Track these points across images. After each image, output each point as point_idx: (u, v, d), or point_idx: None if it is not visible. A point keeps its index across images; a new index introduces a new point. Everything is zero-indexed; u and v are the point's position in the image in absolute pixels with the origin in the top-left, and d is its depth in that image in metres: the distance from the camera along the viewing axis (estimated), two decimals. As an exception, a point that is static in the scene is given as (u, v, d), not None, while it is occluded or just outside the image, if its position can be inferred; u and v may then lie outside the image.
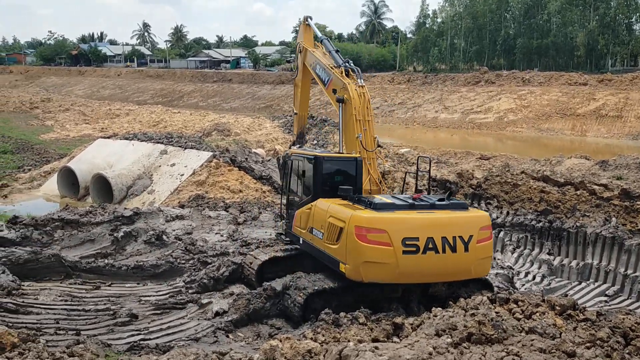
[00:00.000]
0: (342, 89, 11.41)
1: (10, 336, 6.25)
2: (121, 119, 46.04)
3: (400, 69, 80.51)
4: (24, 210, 17.73)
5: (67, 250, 12.37)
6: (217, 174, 20.04)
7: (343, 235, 9.01)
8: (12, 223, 13.36)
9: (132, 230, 13.28)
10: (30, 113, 50.43)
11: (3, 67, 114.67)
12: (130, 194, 20.21)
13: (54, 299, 10.23)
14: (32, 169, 25.58)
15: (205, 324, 9.40)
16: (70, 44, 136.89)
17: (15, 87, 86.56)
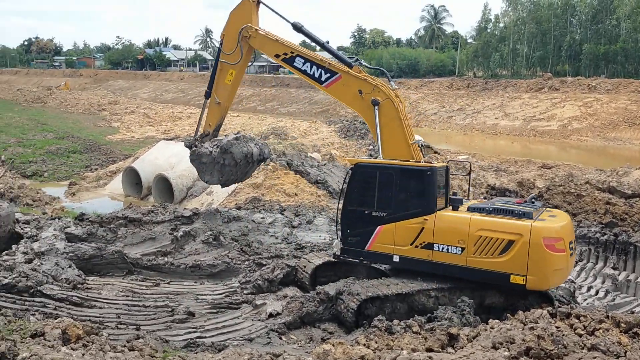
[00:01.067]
0: (373, 91, 10.86)
1: (75, 328, 6.55)
2: (183, 122, 47.39)
3: (459, 74, 79.12)
4: (90, 207, 18.57)
5: (130, 248, 12.83)
6: (273, 177, 20.30)
7: (517, 247, 9.01)
8: (79, 220, 13.99)
9: (191, 230, 13.63)
10: (98, 115, 52.73)
11: (74, 71, 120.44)
12: (190, 195, 20.76)
13: (116, 294, 10.64)
14: (98, 169, 26.70)
15: (259, 325, 9.53)
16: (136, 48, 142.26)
17: (84, 89, 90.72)
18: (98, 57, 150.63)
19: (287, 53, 12.19)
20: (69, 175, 25.05)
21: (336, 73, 11.39)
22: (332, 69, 11.45)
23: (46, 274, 10.49)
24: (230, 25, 12.93)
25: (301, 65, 11.91)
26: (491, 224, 9.24)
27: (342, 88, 11.34)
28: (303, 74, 11.91)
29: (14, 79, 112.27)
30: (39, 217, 14.47)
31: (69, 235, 12.77)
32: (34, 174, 24.88)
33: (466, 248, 9.31)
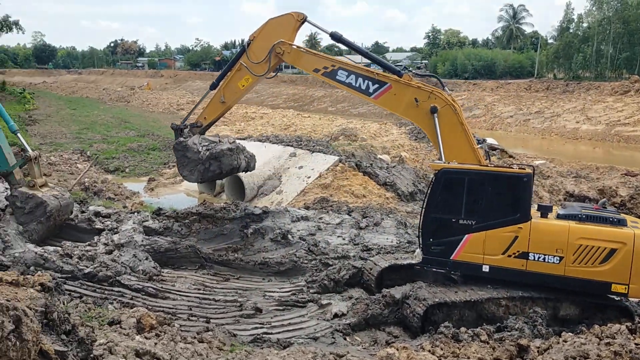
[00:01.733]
0: (429, 99, 10.37)
1: (149, 318, 6.87)
2: (256, 122, 48.47)
3: (538, 76, 76.03)
4: (167, 203, 19.37)
5: (202, 243, 13.27)
6: (342, 178, 20.35)
7: (620, 255, 8.82)
8: (156, 214, 14.63)
9: (261, 228, 13.92)
10: (177, 114, 54.83)
11: (155, 71, 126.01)
12: (260, 194, 21.19)
13: (189, 287, 11.06)
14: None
15: (324, 324, 9.61)
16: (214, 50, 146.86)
17: (165, 89, 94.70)
18: (178, 58, 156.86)
19: (327, 67, 11.49)
20: (149, 172, 26.20)
21: (385, 83, 10.83)
22: (381, 79, 10.89)
23: (125, 265, 11.06)
24: (265, 34, 12.18)
25: (345, 78, 11.26)
26: (592, 232, 8.94)
27: (394, 98, 10.81)
28: (348, 87, 11.24)
29: (100, 79, 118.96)
30: (119, 211, 15.26)
31: (146, 228, 13.38)
32: (116, 170, 26.23)
33: (565, 257, 9.01)
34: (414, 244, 12.93)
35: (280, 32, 11.96)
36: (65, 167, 24.61)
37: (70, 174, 22.80)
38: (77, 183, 19.93)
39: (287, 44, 11.85)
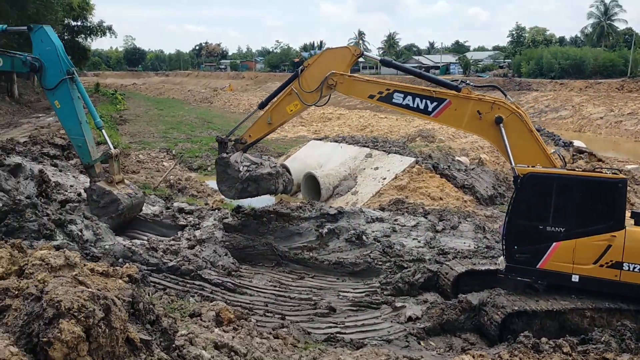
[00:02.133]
0: (493, 109, 9.98)
1: (228, 312, 7.09)
2: (332, 122, 48.77)
3: (632, 75, 71.31)
4: (245, 201, 19.82)
5: (279, 241, 13.53)
6: (418, 180, 20.06)
7: None
8: (235, 212, 15.07)
9: (336, 228, 13.99)
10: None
11: (237, 73, 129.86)
12: (335, 194, 21.30)
13: (265, 283, 11.32)
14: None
15: (397, 327, 9.52)
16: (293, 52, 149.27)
17: (245, 91, 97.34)
18: (259, 60, 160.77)
19: (382, 91, 11.28)
20: (228, 170, 27.01)
21: (444, 99, 10.51)
22: (439, 96, 10.59)
23: (205, 259, 11.50)
24: (320, 64, 12.14)
25: (402, 100, 11.00)
26: None
27: (455, 114, 10.46)
28: (406, 109, 11.01)
29: (185, 81, 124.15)
30: (201, 208, 15.88)
31: (226, 225, 13.82)
32: (199, 168, 27.27)
33: None
34: (493, 249, 12.54)
35: (335, 64, 11.88)
36: (152, 165, 25.88)
37: (156, 172, 23.95)
38: (163, 180, 20.91)
39: (338, 74, 11.75)
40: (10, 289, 3.56)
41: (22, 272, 4.04)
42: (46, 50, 12.93)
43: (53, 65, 12.91)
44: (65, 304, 3.14)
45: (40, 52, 12.97)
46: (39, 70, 12.95)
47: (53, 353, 3.02)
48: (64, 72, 12.89)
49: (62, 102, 13.17)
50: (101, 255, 10.56)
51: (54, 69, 12.92)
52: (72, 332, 3.06)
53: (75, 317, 3.13)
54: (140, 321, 4.29)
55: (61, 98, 13.12)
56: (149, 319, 4.43)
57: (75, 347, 3.08)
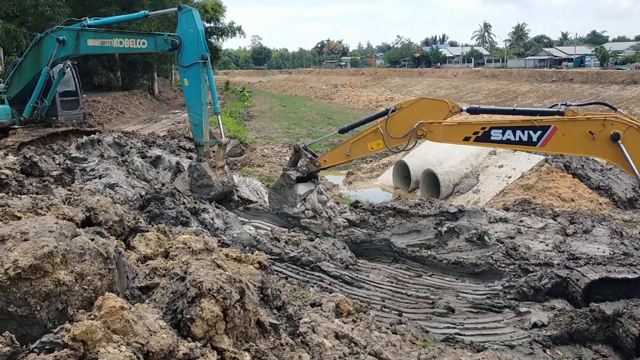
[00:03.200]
0: (605, 127, 9.09)
1: (347, 304, 7.25)
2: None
3: None
4: (363, 196, 20.13)
5: (396, 237, 13.51)
6: (547, 180, 18.95)
7: None
8: (354, 207, 15.30)
9: (455, 227, 13.67)
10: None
11: (357, 70, 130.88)
12: (456, 192, 20.79)
13: (382, 279, 11.36)
14: (372, 161, 28.66)
15: (521, 333, 9.11)
16: (414, 47, 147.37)
17: (365, 87, 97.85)
18: (379, 56, 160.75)
19: (477, 131, 10.63)
20: (347, 166, 27.45)
21: (548, 127, 9.74)
22: (542, 124, 9.82)
23: (324, 252, 11.80)
24: (413, 111, 11.55)
25: (501, 136, 10.34)
26: None
27: (563, 139, 9.68)
28: (507, 144, 10.45)
29: (307, 78, 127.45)
30: (321, 201, 16.28)
31: (345, 220, 14.06)
32: (319, 163, 27.95)
33: None
34: (631, 257, 11.56)
35: (428, 115, 11.39)
36: (276, 159, 27.00)
37: (279, 165, 24.94)
38: (285, 174, 21.70)
39: (427, 123, 11.24)
40: (159, 268, 3.94)
41: (167, 254, 4.45)
42: (189, 32, 14.00)
43: (191, 47, 13.96)
44: (206, 285, 3.42)
45: (183, 32, 14.07)
46: (177, 48, 14.05)
47: (195, 329, 3.30)
48: (199, 56, 13.91)
49: (190, 81, 14.29)
50: (230, 243, 11.24)
51: (191, 50, 13.97)
52: (212, 311, 3.33)
53: (214, 298, 3.40)
54: (269, 306, 4.53)
55: (191, 77, 14.22)
56: (276, 304, 4.67)
57: (214, 325, 3.35)
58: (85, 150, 16.76)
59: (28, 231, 3.15)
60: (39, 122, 19.25)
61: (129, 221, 4.89)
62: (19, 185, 4.56)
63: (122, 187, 14.00)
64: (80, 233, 3.47)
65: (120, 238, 4.66)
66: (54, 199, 4.31)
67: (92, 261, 3.28)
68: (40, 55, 17.30)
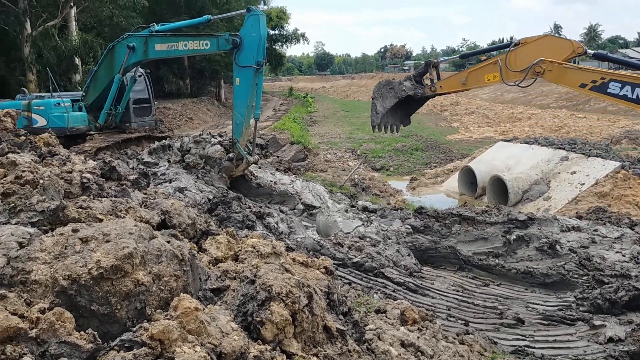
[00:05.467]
0: None
1: (412, 312, 7.14)
2: (522, 123, 46.03)
3: None
4: (427, 202, 19.82)
5: (462, 245, 13.21)
6: (624, 187, 17.99)
7: None
8: (418, 212, 15.09)
9: (525, 235, 13.22)
10: (440, 115, 55.57)
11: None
12: (525, 199, 20.12)
13: (447, 287, 11.13)
14: (437, 166, 28.21)
15: (595, 348, 8.67)
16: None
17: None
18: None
19: (595, 80, 10.26)
20: (411, 171, 27.17)
21: None
22: None
23: (388, 258, 11.69)
24: (535, 47, 11.35)
25: (618, 90, 9.92)
26: None
27: None
28: (623, 100, 10.00)
29: (370, 83, 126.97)
30: (384, 207, 16.19)
31: (409, 226, 13.91)
32: (382, 168, 27.85)
33: None
34: None
35: (550, 52, 11.12)
36: (339, 164, 27.09)
37: (342, 171, 25.03)
38: (349, 179, 21.75)
39: (548, 61, 10.98)
40: (229, 271, 4.04)
41: (237, 257, 4.56)
42: (251, 35, 14.37)
43: (250, 49, 14.36)
44: (276, 288, 3.47)
45: (246, 34, 14.45)
46: (237, 47, 14.41)
47: (265, 332, 3.36)
48: (254, 61, 14.22)
49: (241, 82, 14.72)
50: (295, 247, 11.36)
51: (249, 53, 14.36)
52: (281, 315, 3.38)
53: (283, 302, 3.45)
54: (335, 311, 4.54)
55: (243, 78, 14.65)
56: (342, 310, 4.67)
57: (283, 329, 3.40)
58: (157, 155, 17.45)
59: (110, 233, 3.31)
60: (113, 128, 20.20)
61: (201, 224, 5.04)
62: (99, 189, 4.80)
63: (191, 191, 14.46)
64: (157, 235, 3.61)
65: (192, 241, 4.81)
66: (131, 202, 4.51)
67: (168, 263, 3.41)
68: (113, 63, 18.20)
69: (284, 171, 21.00)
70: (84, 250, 3.19)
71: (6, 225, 3.52)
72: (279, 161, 23.73)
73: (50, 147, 6.09)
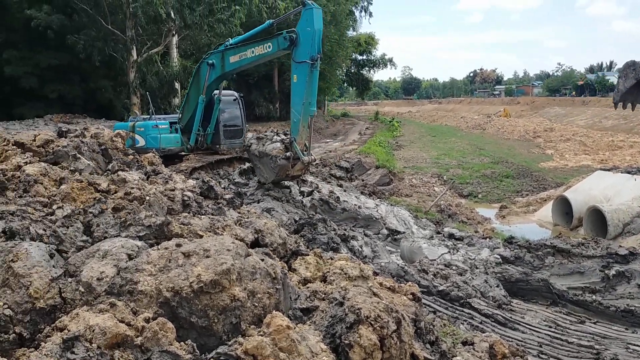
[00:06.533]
0: None
1: (502, 346, 6.85)
2: (623, 151, 43.25)
3: None
4: (518, 232, 19.03)
5: (555, 278, 12.54)
6: None
7: None
8: (508, 242, 14.53)
9: (626, 271, 12.33)
10: (532, 142, 53.40)
11: (511, 99, 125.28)
12: (626, 232, 18.79)
13: (539, 322, 10.57)
14: (529, 195, 27.05)
15: None
16: (577, 74, 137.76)
17: (520, 117, 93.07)
18: (536, 84, 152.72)
19: None
20: (501, 199, 26.23)
21: None
22: None
23: (475, 288, 11.32)
24: None
25: None
26: None
27: None
28: None
29: (458, 107, 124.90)
30: (472, 235, 15.73)
31: (498, 256, 13.42)
32: (470, 195, 27.10)
33: None
34: None
35: None
36: (425, 189, 26.69)
37: (428, 196, 24.63)
38: (434, 205, 21.37)
39: None
40: (318, 291, 4.11)
41: (324, 278, 4.62)
42: (306, 30, 14.29)
43: (305, 45, 14.24)
44: (365, 312, 3.49)
45: (301, 29, 14.45)
46: (295, 43, 14.42)
47: (353, 355, 3.38)
48: (309, 56, 14.12)
49: (298, 78, 14.60)
50: (379, 272, 11.29)
51: (304, 48, 14.28)
52: (370, 339, 3.39)
53: (372, 326, 3.45)
54: (422, 340, 4.48)
55: (299, 74, 14.58)
56: (429, 339, 4.60)
57: (371, 354, 3.40)
58: (247, 176, 18.08)
59: (209, 249, 3.49)
60: (204, 149, 21.08)
61: (291, 244, 5.17)
62: (198, 207, 5.07)
63: (277, 212, 14.82)
64: (251, 253, 3.76)
65: (282, 260, 4.94)
66: (227, 220, 4.72)
67: (262, 280, 3.53)
68: (199, 83, 19.19)
69: (368, 195, 20.99)
70: (186, 264, 3.38)
71: (117, 237, 3.80)
72: (363, 185, 23.77)
73: (153, 166, 6.52)
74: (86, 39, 36.19)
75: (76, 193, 4.46)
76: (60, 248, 3.80)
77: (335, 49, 50.57)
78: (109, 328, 2.91)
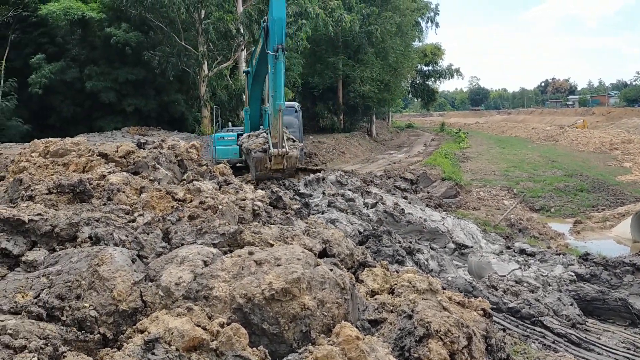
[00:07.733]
0: None
1: (577, 366, 6.56)
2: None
3: None
4: (594, 248, 18.11)
5: (635, 298, 11.84)
6: None
7: None
8: (583, 259, 13.87)
9: None
10: (609, 154, 50.83)
11: (586, 109, 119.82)
12: None
13: (616, 343, 10.02)
14: (605, 209, 25.74)
15: None
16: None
17: (595, 127, 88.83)
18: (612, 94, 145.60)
19: None
20: (575, 213, 25.11)
21: None
22: None
23: (548, 306, 10.87)
24: None
25: None
26: None
27: None
28: None
29: (528, 118, 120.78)
30: (544, 251, 15.14)
31: (572, 273, 12.85)
32: (542, 209, 26.10)
33: None
34: None
35: None
36: (493, 203, 25.97)
37: (496, 209, 23.94)
38: (504, 219, 20.75)
39: None
40: (386, 303, 4.10)
41: (392, 291, 4.61)
42: (271, 20, 13.50)
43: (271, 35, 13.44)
44: (434, 326, 3.46)
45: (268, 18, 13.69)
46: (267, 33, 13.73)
47: (422, 368, 3.35)
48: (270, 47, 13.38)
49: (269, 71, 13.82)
50: (446, 286, 11.08)
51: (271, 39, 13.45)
52: (439, 354, 3.35)
53: (442, 340, 3.42)
54: (492, 357, 4.37)
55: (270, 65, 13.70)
56: (500, 356, 4.48)
57: (441, 368, 3.36)
58: (312, 187, 18.25)
59: (280, 257, 3.58)
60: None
61: (358, 255, 5.19)
62: (267, 216, 5.19)
63: (342, 223, 14.84)
64: (320, 263, 3.81)
65: (350, 271, 4.97)
66: (296, 230, 4.80)
67: (331, 290, 3.58)
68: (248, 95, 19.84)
69: (434, 207, 20.66)
70: (258, 272, 3.48)
71: (193, 244, 3.97)
72: (429, 197, 23.42)
73: (224, 176, 6.73)
74: (161, 54, 37.97)
75: (155, 201, 4.70)
76: (141, 253, 4.01)
77: (401, 60, 50.31)
78: (187, 331, 3.03)
